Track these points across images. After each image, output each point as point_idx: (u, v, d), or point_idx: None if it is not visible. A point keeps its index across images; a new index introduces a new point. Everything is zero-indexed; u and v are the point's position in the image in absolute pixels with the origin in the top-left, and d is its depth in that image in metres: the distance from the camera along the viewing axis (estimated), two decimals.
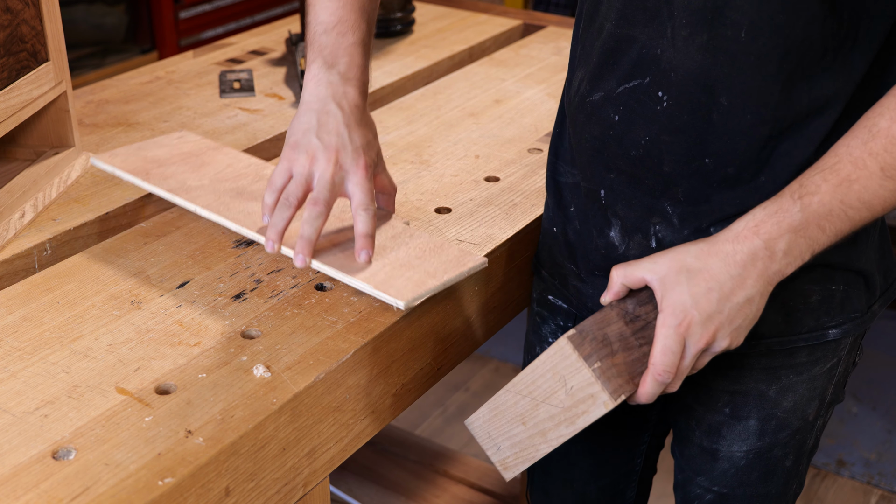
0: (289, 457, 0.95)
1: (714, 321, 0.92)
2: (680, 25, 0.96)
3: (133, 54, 3.11)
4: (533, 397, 0.98)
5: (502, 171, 1.40)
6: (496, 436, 1.03)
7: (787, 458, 1.18)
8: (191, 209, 1.15)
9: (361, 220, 1.03)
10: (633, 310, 0.97)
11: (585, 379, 0.93)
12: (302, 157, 1.04)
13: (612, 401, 0.92)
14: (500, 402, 1.01)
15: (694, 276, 0.92)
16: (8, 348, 1.00)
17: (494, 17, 2.09)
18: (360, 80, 1.07)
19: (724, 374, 1.13)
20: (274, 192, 1.05)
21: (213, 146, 1.29)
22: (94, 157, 1.25)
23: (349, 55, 1.07)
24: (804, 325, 1.08)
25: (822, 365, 1.12)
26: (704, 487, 1.22)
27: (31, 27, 1.25)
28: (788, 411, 1.14)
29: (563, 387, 0.95)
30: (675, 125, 1.00)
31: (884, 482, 2.34)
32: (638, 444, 1.34)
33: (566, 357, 0.94)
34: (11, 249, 1.18)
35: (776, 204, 0.92)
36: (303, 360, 0.98)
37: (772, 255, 0.91)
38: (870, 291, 1.11)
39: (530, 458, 1.01)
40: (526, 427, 0.99)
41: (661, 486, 1.73)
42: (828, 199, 0.91)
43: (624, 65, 1.02)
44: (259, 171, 1.23)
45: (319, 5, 1.10)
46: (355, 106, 1.07)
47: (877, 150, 0.89)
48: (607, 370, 0.93)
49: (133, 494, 0.81)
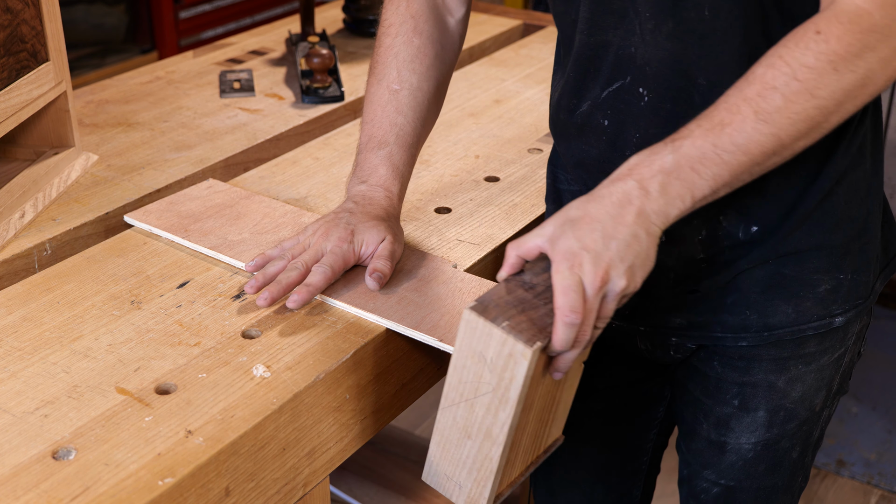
0: (289, 457, 0.95)
1: (603, 258, 0.92)
2: (645, 20, 0.99)
3: (133, 54, 3.11)
4: (465, 398, 0.97)
5: (502, 171, 1.40)
6: (452, 472, 1.02)
7: (794, 449, 1.19)
8: (238, 266, 1.14)
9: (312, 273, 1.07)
10: (530, 279, 0.98)
11: (499, 340, 0.92)
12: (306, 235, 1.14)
13: (528, 349, 0.90)
14: (441, 430, 1.01)
15: (577, 223, 0.94)
16: (8, 348, 1.00)
17: (494, 17, 2.10)
18: (384, 187, 1.15)
19: (733, 365, 1.13)
20: None
21: (244, 195, 1.28)
22: (127, 216, 1.23)
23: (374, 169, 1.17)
24: (813, 313, 1.09)
25: (830, 354, 1.13)
26: (711, 481, 1.22)
27: (31, 27, 1.25)
28: (796, 402, 1.14)
29: (483, 364, 0.94)
30: (660, 116, 1.02)
31: (884, 482, 2.34)
32: (645, 443, 1.34)
33: (475, 328, 0.93)
34: (11, 249, 1.18)
35: (651, 148, 0.94)
36: (303, 360, 0.98)
37: (646, 193, 0.92)
38: (874, 271, 1.12)
39: (489, 472, 0.99)
40: (472, 439, 0.99)
41: (661, 486, 1.73)
42: (700, 142, 0.92)
43: (604, 70, 1.05)
44: (297, 220, 1.22)
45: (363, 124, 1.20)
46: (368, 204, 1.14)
47: (751, 96, 0.90)
48: (516, 326, 0.92)
49: (133, 494, 0.81)
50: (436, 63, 1.20)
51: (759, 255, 1.06)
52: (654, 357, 1.20)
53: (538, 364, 0.94)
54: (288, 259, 1.09)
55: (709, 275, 1.08)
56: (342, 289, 1.08)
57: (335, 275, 1.08)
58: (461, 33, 1.24)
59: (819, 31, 0.89)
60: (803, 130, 0.90)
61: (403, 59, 1.18)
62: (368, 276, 1.07)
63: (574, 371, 1.05)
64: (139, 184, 1.35)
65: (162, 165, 1.40)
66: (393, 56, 1.18)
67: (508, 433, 0.96)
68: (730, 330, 1.10)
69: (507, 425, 0.95)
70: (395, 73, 1.18)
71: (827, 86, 0.88)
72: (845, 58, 0.88)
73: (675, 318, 1.12)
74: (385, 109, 1.17)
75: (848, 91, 0.89)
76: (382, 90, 1.18)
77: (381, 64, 1.19)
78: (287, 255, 1.09)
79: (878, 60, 0.89)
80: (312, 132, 1.59)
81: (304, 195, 1.33)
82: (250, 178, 1.38)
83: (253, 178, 1.38)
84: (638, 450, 1.34)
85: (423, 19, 1.19)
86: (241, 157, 1.47)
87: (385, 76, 1.18)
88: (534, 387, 0.97)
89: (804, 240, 1.05)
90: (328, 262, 1.07)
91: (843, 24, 0.88)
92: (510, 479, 1.05)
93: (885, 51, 0.88)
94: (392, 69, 1.18)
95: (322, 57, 1.63)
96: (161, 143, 1.48)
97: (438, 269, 1.13)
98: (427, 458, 1.03)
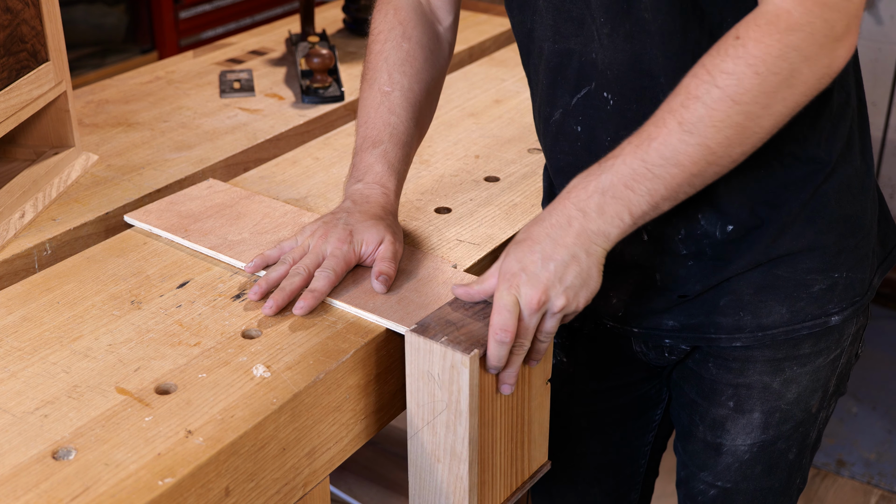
0: (289, 457, 0.95)
1: (541, 279, 0.95)
2: (601, 25, 1.00)
3: (133, 54, 3.11)
4: (426, 421, 1.01)
5: (502, 171, 1.40)
6: (433, 500, 1.05)
7: (791, 451, 1.19)
8: (238, 266, 1.14)
9: (316, 277, 1.07)
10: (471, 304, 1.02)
11: (440, 354, 0.96)
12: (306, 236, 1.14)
13: (466, 356, 0.94)
14: (414, 461, 1.04)
15: (520, 245, 0.97)
16: (8, 348, 1.00)
17: (494, 17, 2.10)
18: (380, 184, 1.16)
19: (728, 367, 1.13)
20: None
21: (244, 195, 1.28)
22: (128, 216, 1.23)
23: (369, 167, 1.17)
24: (808, 313, 1.08)
25: (826, 356, 1.13)
26: (708, 483, 1.22)
27: (31, 27, 1.25)
28: (792, 403, 1.14)
29: (434, 382, 0.98)
30: (627, 118, 1.03)
31: (884, 482, 2.34)
32: (642, 446, 1.34)
33: (418, 348, 0.98)
34: (11, 249, 1.18)
35: (588, 170, 0.96)
36: (303, 360, 0.98)
37: (585, 215, 0.94)
38: (870, 268, 1.12)
39: (463, 493, 1.02)
40: (441, 461, 1.01)
41: (661, 486, 1.73)
42: (629, 159, 0.92)
43: (570, 77, 1.06)
44: (296, 220, 1.22)
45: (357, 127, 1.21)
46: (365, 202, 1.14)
47: (675, 107, 0.90)
48: (455, 339, 0.97)
49: (133, 494, 0.81)
50: (426, 66, 1.21)
51: (752, 258, 1.06)
52: (649, 359, 1.20)
53: (483, 374, 0.97)
54: (289, 264, 1.09)
55: (697, 276, 1.08)
56: (342, 289, 1.08)
57: (338, 278, 1.08)
58: (450, 40, 1.26)
59: (738, 37, 0.88)
60: (733, 137, 0.89)
61: (393, 62, 1.19)
62: (375, 279, 1.08)
63: (539, 390, 1.08)
64: (139, 184, 1.35)
65: (162, 165, 1.40)
66: (383, 60, 1.20)
67: (471, 447, 0.99)
68: (723, 331, 1.10)
69: (467, 438, 0.98)
70: (385, 76, 1.19)
71: (749, 90, 0.87)
72: (765, 60, 0.86)
73: (667, 320, 1.12)
74: (378, 111, 1.18)
75: (772, 93, 0.87)
76: (374, 93, 1.19)
77: (371, 69, 1.21)
78: (288, 258, 1.09)
79: (802, 59, 0.87)
80: (312, 132, 1.59)
81: (304, 195, 1.33)
82: (250, 178, 1.38)
83: (253, 178, 1.38)
84: (635, 452, 1.34)
85: (412, 26, 1.21)
86: (241, 157, 1.47)
87: (376, 80, 1.19)
88: (486, 399, 1.00)
89: (796, 241, 1.05)
90: (331, 266, 1.07)
91: (760, 26, 0.87)
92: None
93: (809, 48, 0.86)
94: (383, 72, 1.19)
95: (322, 57, 1.63)
96: (161, 143, 1.48)
97: (438, 270, 1.13)
98: (409, 495, 1.07)
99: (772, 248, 1.05)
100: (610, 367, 1.25)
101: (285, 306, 1.05)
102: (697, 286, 1.08)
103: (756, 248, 1.05)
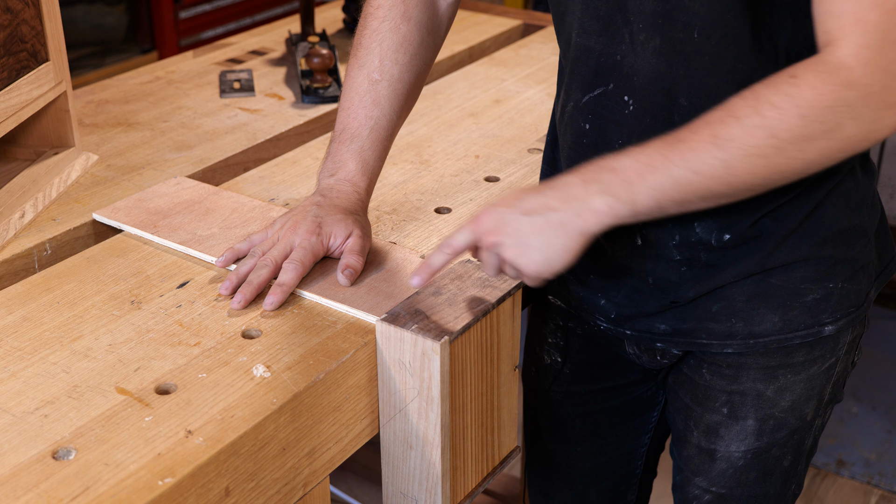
0: (289, 457, 0.95)
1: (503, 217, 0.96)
2: (637, 30, 0.99)
3: (133, 54, 3.11)
4: (398, 409, 1.02)
5: (502, 171, 1.40)
6: (406, 487, 1.05)
7: (786, 458, 1.18)
8: (208, 261, 1.14)
9: (284, 270, 1.08)
10: (440, 286, 1.04)
11: (411, 342, 0.97)
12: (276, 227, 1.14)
13: (437, 343, 0.96)
14: (386, 449, 1.05)
15: (511, 194, 0.99)
16: (8, 348, 1.00)
17: (494, 17, 2.09)
18: (351, 182, 1.15)
19: (721, 373, 1.13)
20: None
21: (212, 191, 1.29)
22: (96, 213, 1.24)
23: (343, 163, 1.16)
24: (800, 322, 1.08)
25: (821, 364, 1.12)
26: (703, 488, 1.22)
27: (31, 27, 1.25)
28: (786, 411, 1.14)
29: (405, 370, 0.99)
30: (642, 128, 1.02)
31: (884, 482, 2.34)
32: (639, 447, 1.34)
33: (388, 337, 0.99)
34: (11, 249, 1.18)
35: (605, 156, 0.96)
36: (303, 360, 0.98)
37: (584, 182, 0.94)
38: (867, 279, 1.11)
39: (436, 479, 1.03)
40: (414, 448, 1.02)
41: (661, 486, 1.73)
42: (652, 152, 0.92)
43: (585, 74, 1.05)
44: (265, 215, 1.23)
45: (340, 110, 1.19)
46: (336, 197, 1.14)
47: (712, 120, 0.90)
48: (425, 327, 0.98)
49: (133, 494, 0.81)
50: (420, 51, 1.18)
51: (746, 268, 1.05)
52: (642, 362, 1.20)
53: (454, 361, 0.99)
54: (258, 256, 1.09)
55: (690, 282, 1.07)
56: (311, 280, 1.09)
57: (306, 269, 1.08)
58: (450, 17, 1.23)
59: (794, 76, 0.87)
60: (758, 167, 0.89)
61: (388, 47, 1.16)
62: (340, 272, 1.08)
63: (507, 377, 1.09)
64: (139, 184, 1.35)
65: (162, 165, 1.40)
66: (378, 42, 1.17)
67: (443, 433, 1.00)
68: (715, 337, 1.09)
69: (439, 424, 0.99)
70: (377, 61, 1.16)
71: (789, 129, 0.87)
72: (815, 106, 0.86)
73: (659, 323, 1.11)
74: (363, 100, 1.16)
75: (811, 140, 0.87)
76: (363, 78, 1.17)
77: (364, 48, 1.17)
78: (257, 251, 1.10)
79: (851, 116, 0.86)
80: (312, 132, 1.59)
81: (304, 195, 1.33)
82: (250, 178, 1.38)
83: (253, 178, 1.38)
84: (632, 453, 1.34)
85: (413, 4, 1.17)
86: (241, 157, 1.47)
87: (367, 63, 1.17)
88: (457, 386, 1.01)
89: (792, 252, 1.05)
90: (298, 258, 1.07)
91: (819, 73, 0.86)
92: (466, 490, 1.08)
93: (861, 108, 0.86)
94: (375, 56, 1.16)
95: (322, 57, 1.63)
96: (161, 143, 1.48)
97: (406, 260, 1.14)
98: (382, 483, 1.08)
99: (768, 259, 1.05)
100: (604, 369, 1.25)
101: (254, 298, 1.06)
102: (690, 292, 1.08)
103: (752, 258, 1.05)
